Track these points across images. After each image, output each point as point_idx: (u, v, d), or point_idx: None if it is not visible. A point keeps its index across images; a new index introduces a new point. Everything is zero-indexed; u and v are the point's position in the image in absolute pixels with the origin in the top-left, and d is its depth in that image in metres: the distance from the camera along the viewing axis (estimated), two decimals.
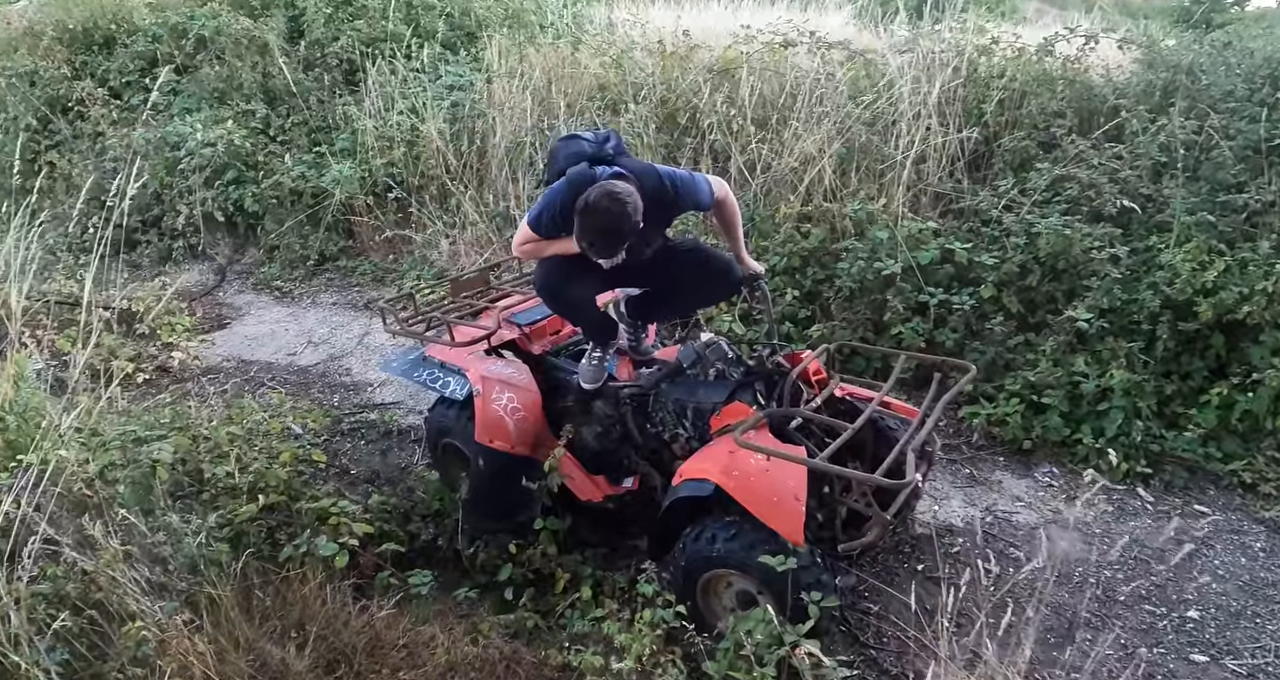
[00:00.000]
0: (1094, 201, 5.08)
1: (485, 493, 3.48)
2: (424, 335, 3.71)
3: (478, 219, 6.81)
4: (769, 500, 2.80)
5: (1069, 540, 4.02)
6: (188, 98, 8.62)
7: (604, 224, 2.86)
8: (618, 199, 2.86)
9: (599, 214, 2.85)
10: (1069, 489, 4.34)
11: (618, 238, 2.91)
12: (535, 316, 3.89)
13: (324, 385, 5.25)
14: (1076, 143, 5.44)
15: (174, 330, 5.95)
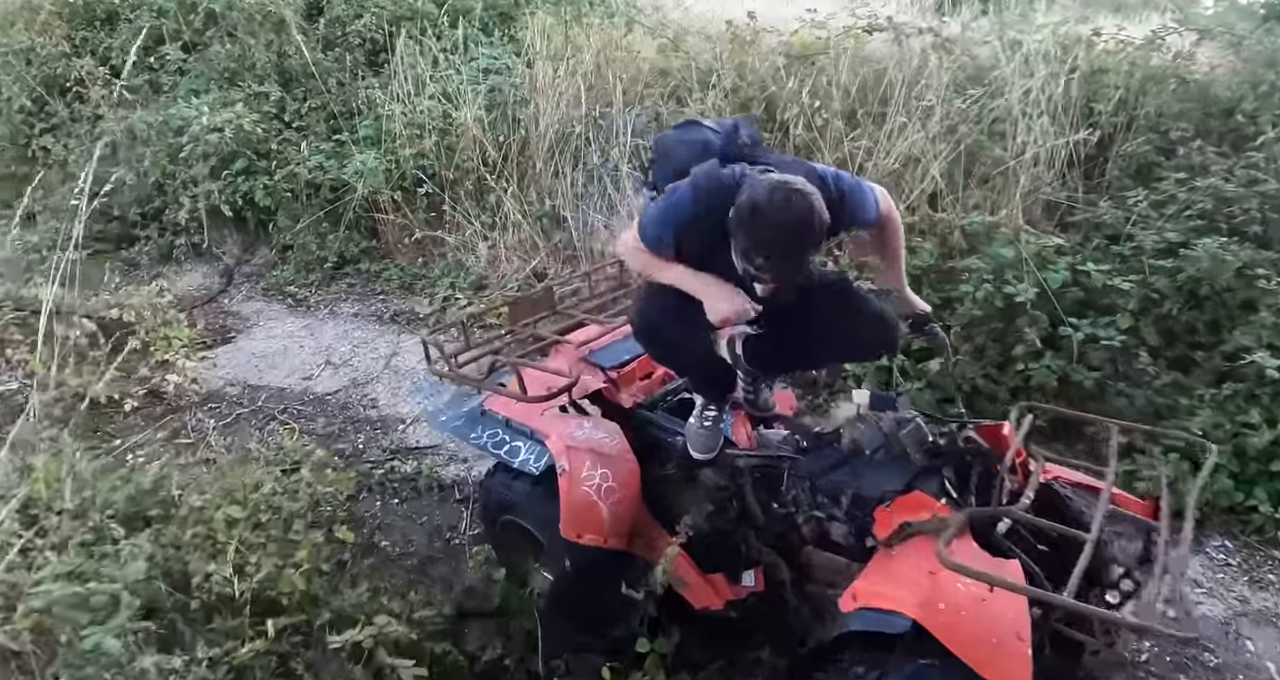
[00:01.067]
0: (1235, 218, 4.31)
1: (570, 598, 2.63)
2: (484, 383, 2.84)
3: (520, 219, 5.95)
4: (987, 643, 2.02)
5: (1266, 640, 3.20)
6: (195, 78, 7.82)
7: (785, 232, 2.06)
8: (804, 197, 2.06)
9: (779, 218, 2.04)
10: (1250, 568, 3.56)
11: (801, 251, 2.13)
12: (622, 355, 3.03)
13: (345, 419, 4.39)
14: (1202, 149, 4.70)
15: (170, 345, 5.11)
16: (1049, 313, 4.26)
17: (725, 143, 2.44)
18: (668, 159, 2.49)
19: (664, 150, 2.54)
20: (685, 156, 2.41)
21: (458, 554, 3.33)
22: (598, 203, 5.74)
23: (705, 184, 2.25)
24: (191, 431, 4.31)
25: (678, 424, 2.93)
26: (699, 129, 2.51)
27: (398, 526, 3.53)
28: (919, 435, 2.37)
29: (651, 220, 2.32)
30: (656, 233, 2.31)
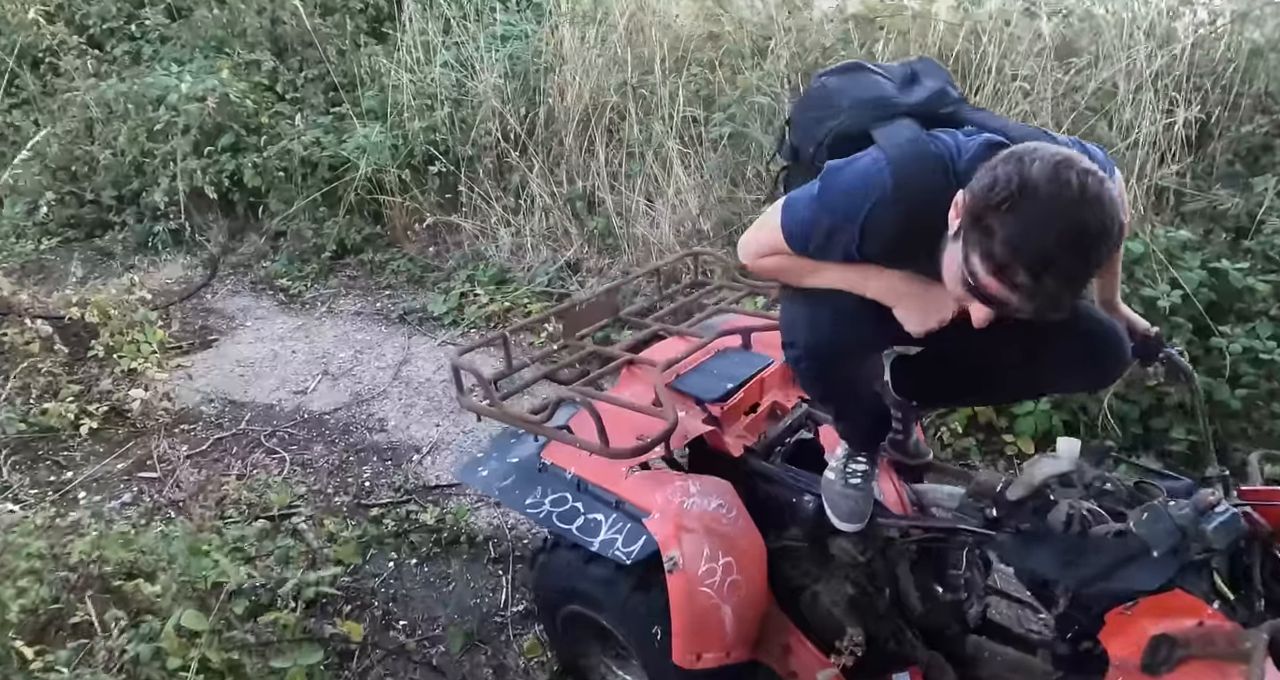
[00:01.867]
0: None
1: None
2: (543, 428, 2.02)
3: (549, 202, 5.13)
4: None
5: None
6: (180, 46, 7.04)
7: (1078, 237, 1.24)
8: (1102, 185, 1.24)
9: (1074, 216, 1.23)
10: None
11: (1091, 270, 1.31)
12: (722, 383, 2.24)
13: (347, 447, 3.58)
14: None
15: (139, 351, 4.29)
16: (1190, 317, 3.50)
17: (908, 97, 1.67)
18: (820, 119, 1.70)
19: (815, 104, 1.74)
20: (853, 116, 1.64)
21: (498, 641, 2.53)
22: (639, 184, 4.92)
23: (909, 157, 1.47)
24: (159, 462, 3.50)
25: (801, 477, 2.14)
26: (868, 77, 1.73)
27: (417, 599, 2.73)
28: (1234, 528, 1.56)
29: (813, 209, 1.56)
30: (827, 227, 1.54)
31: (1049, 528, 1.82)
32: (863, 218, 1.48)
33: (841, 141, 1.64)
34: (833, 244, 1.55)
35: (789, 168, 1.88)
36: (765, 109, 4.65)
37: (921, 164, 1.46)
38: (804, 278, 1.66)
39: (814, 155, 1.69)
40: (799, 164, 1.79)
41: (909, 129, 1.54)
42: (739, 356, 2.40)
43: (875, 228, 1.49)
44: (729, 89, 4.95)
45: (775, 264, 1.68)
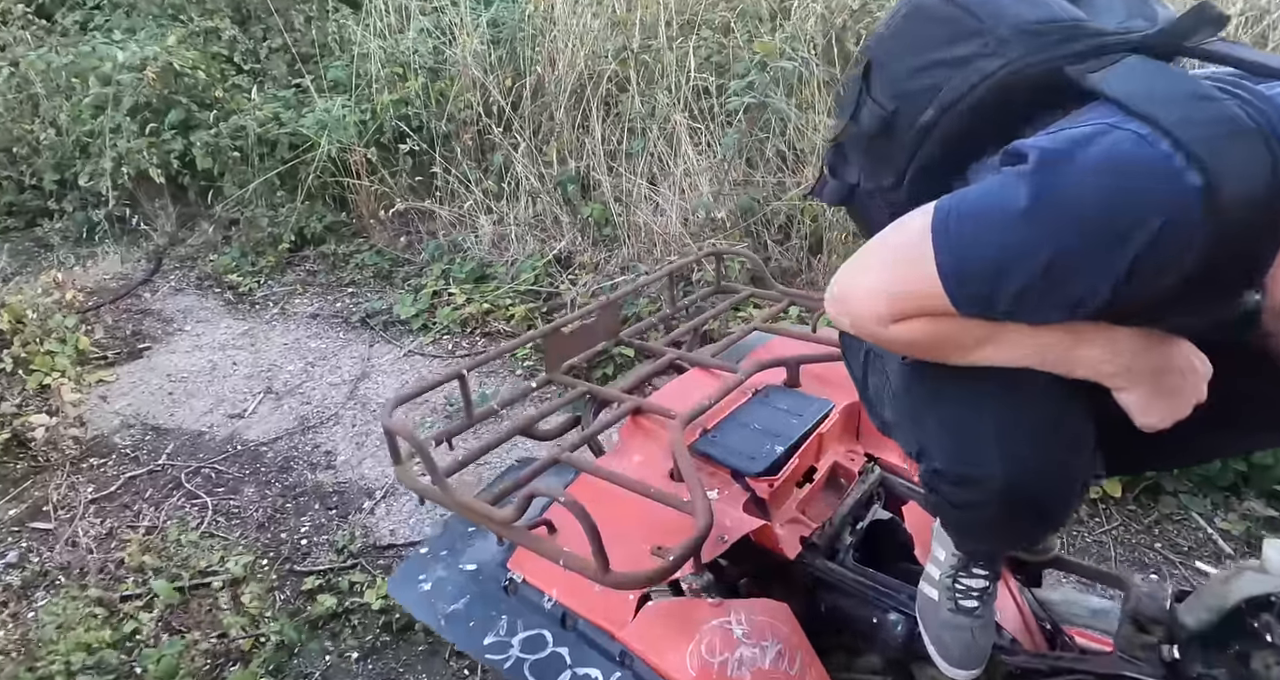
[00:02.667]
0: None
1: None
2: (510, 529, 1.35)
3: (536, 186, 4.45)
4: None
5: None
6: (131, 14, 6.35)
7: None
8: None
9: None
10: None
11: None
12: (767, 446, 1.58)
13: (284, 489, 2.92)
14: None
15: (54, 364, 3.62)
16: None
17: (1136, 21, 0.99)
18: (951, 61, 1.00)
19: (934, 35, 1.03)
20: (1029, 48, 0.95)
21: None
22: (640, 164, 4.24)
23: (1217, 134, 0.77)
24: (57, 508, 2.84)
25: (881, 584, 1.49)
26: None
27: None
28: None
29: (1017, 234, 0.82)
30: (1048, 262, 0.82)
31: None
32: (1141, 245, 0.78)
33: (1002, 97, 0.97)
34: (1054, 292, 0.84)
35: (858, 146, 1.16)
36: (789, 76, 3.97)
37: (1240, 150, 0.77)
38: (969, 352, 0.96)
39: (935, 125, 1.02)
40: (885, 140, 1.08)
41: (1184, 79, 0.84)
42: (786, 400, 1.74)
43: (1161, 263, 0.79)
44: (746, 54, 4.26)
45: (926, 334, 0.94)
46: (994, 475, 1.00)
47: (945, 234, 0.87)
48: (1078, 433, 1.00)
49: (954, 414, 1.02)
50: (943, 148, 1.03)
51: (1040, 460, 0.99)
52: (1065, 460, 1.00)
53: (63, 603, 2.30)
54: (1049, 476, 1.00)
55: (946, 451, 1.05)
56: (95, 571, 2.51)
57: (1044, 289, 0.83)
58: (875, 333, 0.98)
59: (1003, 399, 0.97)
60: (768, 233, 3.97)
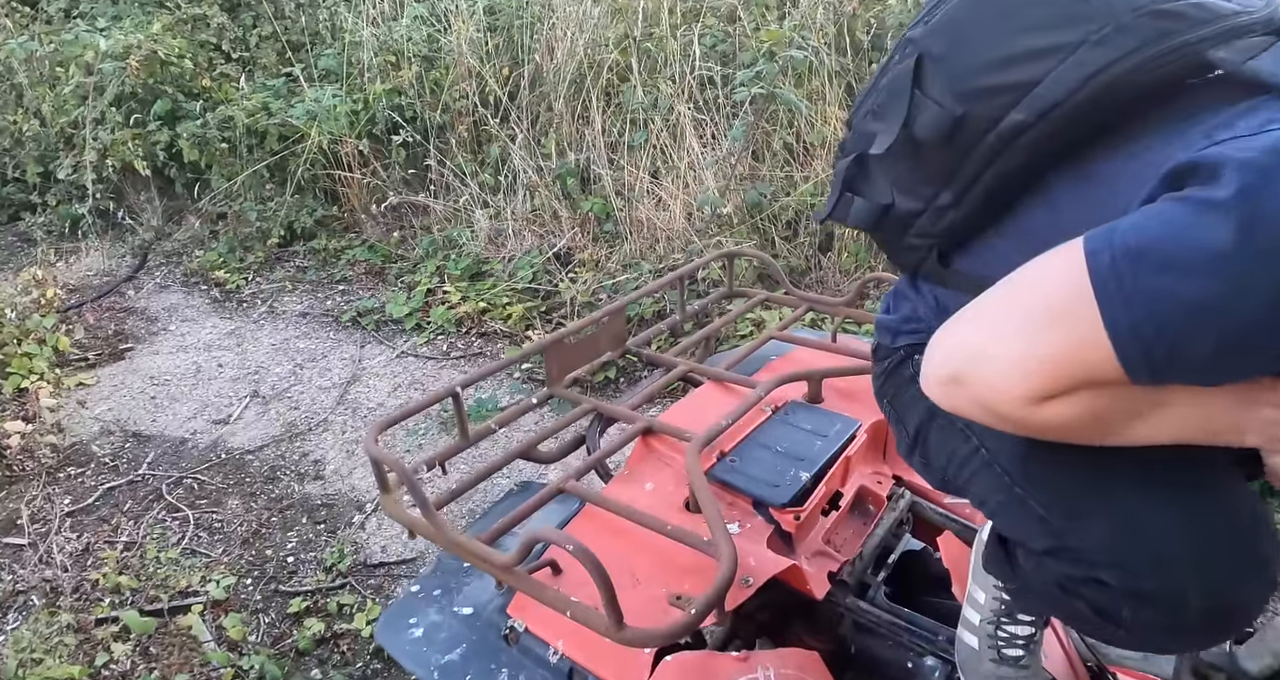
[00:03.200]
0: None
1: None
2: (510, 573, 1.21)
3: (534, 180, 4.30)
4: None
5: None
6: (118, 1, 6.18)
7: None
8: None
9: None
10: None
11: None
12: (791, 472, 1.45)
13: (270, 501, 2.77)
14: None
15: (31, 366, 3.47)
16: None
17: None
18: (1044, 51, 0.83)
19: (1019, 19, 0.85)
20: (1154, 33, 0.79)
21: None
22: (642, 157, 4.08)
23: None
24: (30, 523, 2.69)
25: (918, 626, 1.36)
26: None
27: None
28: None
29: (1216, 300, 0.64)
30: (1247, 334, 0.65)
31: None
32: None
33: (1114, 93, 0.80)
34: (1254, 357, 0.68)
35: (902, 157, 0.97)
36: (798, 65, 3.81)
37: None
38: (1128, 429, 0.78)
39: (1027, 128, 0.85)
40: (947, 149, 0.91)
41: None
42: (809, 418, 1.60)
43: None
44: (753, 43, 4.10)
45: (1088, 411, 0.74)
46: (1191, 594, 0.83)
47: (1118, 282, 0.68)
48: (1261, 514, 0.85)
49: (1124, 510, 0.84)
50: (1029, 157, 0.86)
51: (1247, 568, 0.84)
52: (1266, 558, 0.85)
53: (33, 629, 2.16)
54: (1257, 585, 0.85)
55: (1114, 559, 0.87)
56: (70, 592, 2.37)
57: (1254, 343, 0.66)
58: (1021, 418, 0.76)
59: (1185, 491, 0.82)
60: (775, 229, 3.83)
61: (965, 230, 0.97)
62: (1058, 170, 0.87)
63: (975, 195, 0.92)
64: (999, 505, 1.01)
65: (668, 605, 1.12)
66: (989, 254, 0.95)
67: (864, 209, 1.04)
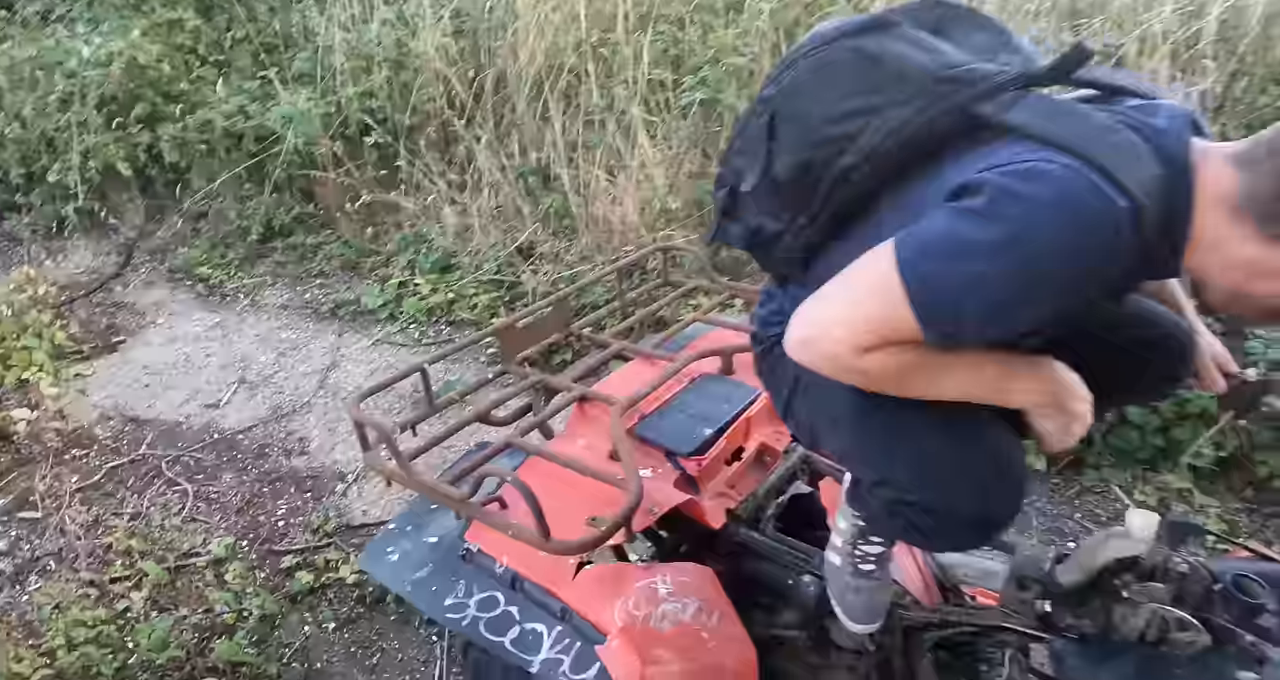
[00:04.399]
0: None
1: None
2: (464, 505, 1.54)
3: (498, 178, 4.59)
4: None
5: None
6: (94, 5, 6.36)
7: None
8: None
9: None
10: None
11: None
12: (697, 428, 1.77)
13: (260, 475, 3.08)
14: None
15: (31, 358, 3.75)
16: None
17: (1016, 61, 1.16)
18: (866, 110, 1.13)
19: (850, 85, 1.16)
20: (936, 97, 1.10)
21: None
22: (599, 156, 4.40)
23: (1130, 161, 0.97)
24: (43, 498, 2.98)
25: (799, 551, 1.69)
26: (910, 33, 1.17)
27: (335, 673, 2.26)
28: None
29: (984, 263, 0.97)
30: (1000, 303, 0.99)
31: (1118, 633, 1.40)
32: (1083, 272, 0.97)
33: (917, 141, 1.11)
34: (1007, 320, 1.00)
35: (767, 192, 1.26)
36: (741, 72, 4.14)
37: (1144, 171, 0.96)
38: (928, 385, 1.10)
39: (854, 170, 1.15)
40: (798, 185, 1.20)
41: (1084, 114, 1.02)
42: (719, 388, 1.93)
43: (1102, 279, 0.99)
44: (700, 48, 4.42)
45: (890, 365, 1.06)
46: (963, 507, 1.17)
47: (914, 266, 0.99)
48: (1020, 458, 1.18)
49: (919, 450, 1.17)
50: (860, 188, 1.16)
51: (1001, 490, 1.17)
52: (1017, 484, 1.18)
53: (58, 585, 2.46)
54: (1007, 502, 1.19)
55: (916, 485, 1.19)
56: (85, 556, 2.67)
57: (1004, 313, 0.99)
58: (850, 364, 1.06)
59: (961, 436, 1.14)
60: None
61: (818, 244, 1.29)
62: (882, 194, 1.17)
63: (823, 218, 1.22)
64: (845, 452, 1.36)
65: (586, 526, 1.45)
66: (835, 260, 1.26)
67: (739, 232, 1.34)
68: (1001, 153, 1.01)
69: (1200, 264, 1.03)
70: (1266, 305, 1.02)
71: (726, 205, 1.34)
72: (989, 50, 1.18)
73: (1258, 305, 1.02)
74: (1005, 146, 1.02)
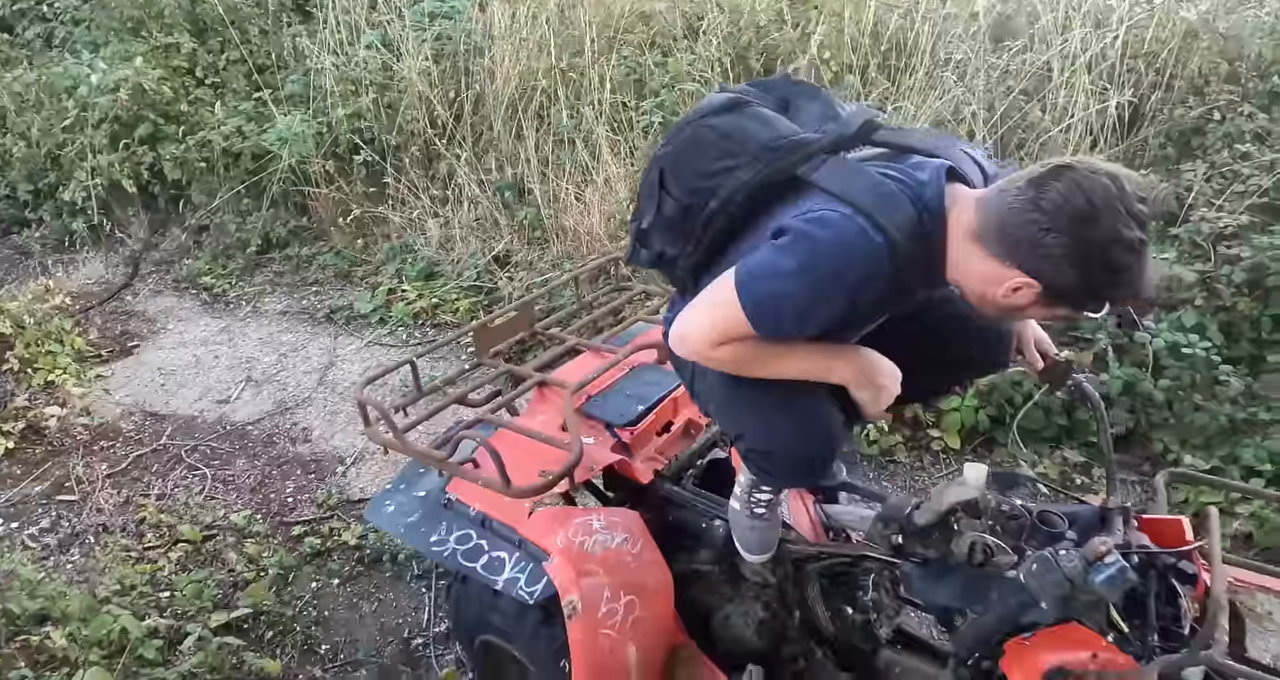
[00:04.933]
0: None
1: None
2: (445, 463, 1.99)
3: (477, 192, 5.03)
4: None
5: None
6: (94, 28, 6.73)
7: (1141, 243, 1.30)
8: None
9: (1135, 226, 1.29)
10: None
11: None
12: (633, 406, 2.21)
13: (269, 460, 3.52)
14: (1252, 116, 4.08)
15: (55, 362, 4.16)
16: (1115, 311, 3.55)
17: (831, 130, 1.58)
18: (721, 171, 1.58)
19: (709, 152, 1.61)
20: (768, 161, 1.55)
21: (421, 663, 2.51)
22: (569, 171, 4.84)
23: (888, 209, 1.40)
24: (78, 483, 3.40)
25: (711, 501, 2.13)
26: (756, 110, 1.64)
27: (340, 621, 2.70)
28: (1121, 580, 1.56)
29: (793, 282, 1.41)
30: (809, 301, 1.42)
31: (952, 558, 1.83)
32: (854, 287, 1.40)
33: (758, 192, 1.54)
34: (810, 320, 1.44)
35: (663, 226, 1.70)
36: (695, 96, 4.59)
37: (901, 214, 1.39)
38: (766, 368, 1.55)
39: (717, 213, 1.58)
40: (684, 222, 1.64)
41: (864, 173, 1.45)
42: (653, 374, 2.38)
43: (869, 297, 1.42)
44: (660, 73, 4.88)
45: (734, 354, 1.51)
46: (790, 452, 1.63)
47: (745, 286, 1.43)
48: (833, 419, 1.62)
49: (761, 412, 1.61)
50: (726, 225, 1.61)
51: (816, 440, 1.62)
52: (829, 436, 1.63)
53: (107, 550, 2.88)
54: (821, 448, 1.64)
55: (757, 437, 1.66)
56: (119, 530, 3.09)
57: (803, 320, 1.44)
58: (707, 355, 1.53)
59: (790, 402, 1.59)
60: None
61: (703, 265, 1.73)
62: (744, 228, 1.60)
63: (704, 246, 1.66)
64: (720, 417, 1.82)
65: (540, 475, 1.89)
66: (715, 275, 1.72)
67: (648, 256, 1.79)
68: (805, 203, 1.47)
69: (957, 277, 1.48)
70: (1002, 304, 1.46)
71: (638, 235, 1.78)
72: (818, 119, 1.63)
73: (997, 304, 1.47)
74: (811, 198, 1.48)
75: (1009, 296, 1.40)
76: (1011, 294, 1.39)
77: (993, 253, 1.38)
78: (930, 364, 1.77)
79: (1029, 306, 1.41)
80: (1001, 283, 1.39)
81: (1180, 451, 3.34)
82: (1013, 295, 1.39)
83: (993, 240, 1.38)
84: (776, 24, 4.97)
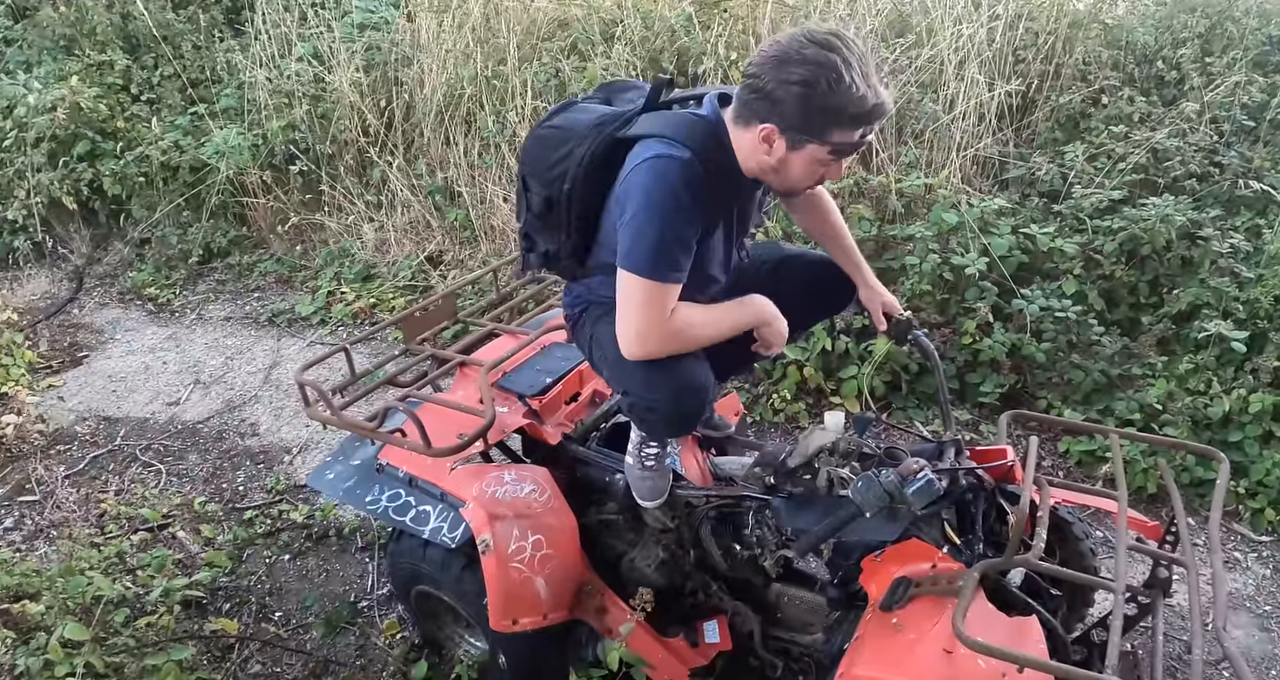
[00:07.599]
0: (1173, 171, 4.22)
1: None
2: (376, 433, 2.28)
3: (410, 197, 5.29)
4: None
5: (1244, 629, 2.95)
6: (25, 48, 6.81)
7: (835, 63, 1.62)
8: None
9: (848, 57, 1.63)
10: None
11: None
12: (542, 378, 2.51)
13: (220, 454, 3.75)
14: (1131, 99, 4.55)
15: (7, 374, 4.34)
16: (996, 281, 3.94)
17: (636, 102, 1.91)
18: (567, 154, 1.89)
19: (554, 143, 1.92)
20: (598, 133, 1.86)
21: (365, 623, 2.79)
22: (495, 173, 5.12)
23: (677, 125, 1.76)
24: (38, 485, 3.61)
25: (612, 458, 2.44)
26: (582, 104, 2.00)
27: (291, 591, 2.96)
28: (929, 491, 1.91)
29: (657, 231, 1.72)
30: (677, 231, 1.74)
31: (814, 491, 2.16)
32: (689, 195, 1.69)
33: (600, 159, 1.83)
34: (685, 240, 1.74)
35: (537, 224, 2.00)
36: None
37: (691, 129, 1.73)
38: (702, 336, 1.85)
39: (571, 191, 1.87)
40: (551, 214, 1.92)
41: (662, 114, 1.80)
42: (562, 351, 2.68)
43: (704, 198, 1.72)
44: (578, 77, 5.16)
45: (681, 325, 1.79)
46: (668, 406, 1.92)
47: (634, 262, 1.72)
48: (704, 377, 1.93)
49: (644, 372, 1.86)
50: (581, 204, 1.91)
51: (690, 393, 1.91)
52: (700, 391, 1.92)
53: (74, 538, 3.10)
54: (693, 400, 1.93)
55: (640, 393, 1.94)
56: (82, 523, 3.32)
57: (683, 237, 1.73)
58: (661, 336, 1.78)
59: (668, 362, 1.85)
60: None
61: (582, 247, 2.03)
62: (601, 203, 1.90)
63: (575, 230, 1.96)
64: (611, 378, 2.12)
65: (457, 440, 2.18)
66: (595, 254, 2.02)
67: (536, 259, 2.08)
68: (636, 152, 1.77)
69: (748, 165, 1.80)
70: (769, 163, 1.75)
71: (523, 240, 2.09)
72: (632, 100, 1.95)
73: (769, 166, 1.77)
74: (640, 147, 1.77)
75: (768, 153, 1.73)
76: (767, 147, 1.72)
77: (744, 124, 1.74)
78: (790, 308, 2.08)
79: (787, 154, 1.72)
80: (757, 143, 1.73)
81: (1061, 406, 3.70)
82: (769, 148, 1.72)
83: (740, 114, 1.74)
84: (686, 28, 5.28)
